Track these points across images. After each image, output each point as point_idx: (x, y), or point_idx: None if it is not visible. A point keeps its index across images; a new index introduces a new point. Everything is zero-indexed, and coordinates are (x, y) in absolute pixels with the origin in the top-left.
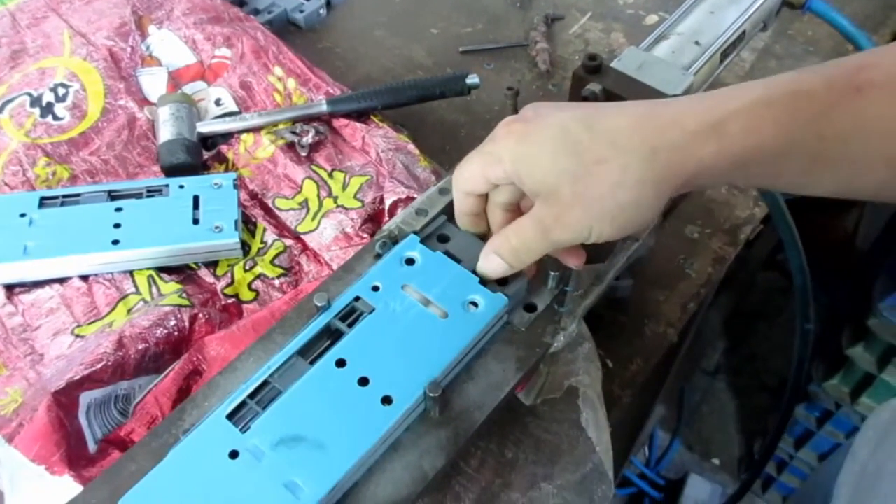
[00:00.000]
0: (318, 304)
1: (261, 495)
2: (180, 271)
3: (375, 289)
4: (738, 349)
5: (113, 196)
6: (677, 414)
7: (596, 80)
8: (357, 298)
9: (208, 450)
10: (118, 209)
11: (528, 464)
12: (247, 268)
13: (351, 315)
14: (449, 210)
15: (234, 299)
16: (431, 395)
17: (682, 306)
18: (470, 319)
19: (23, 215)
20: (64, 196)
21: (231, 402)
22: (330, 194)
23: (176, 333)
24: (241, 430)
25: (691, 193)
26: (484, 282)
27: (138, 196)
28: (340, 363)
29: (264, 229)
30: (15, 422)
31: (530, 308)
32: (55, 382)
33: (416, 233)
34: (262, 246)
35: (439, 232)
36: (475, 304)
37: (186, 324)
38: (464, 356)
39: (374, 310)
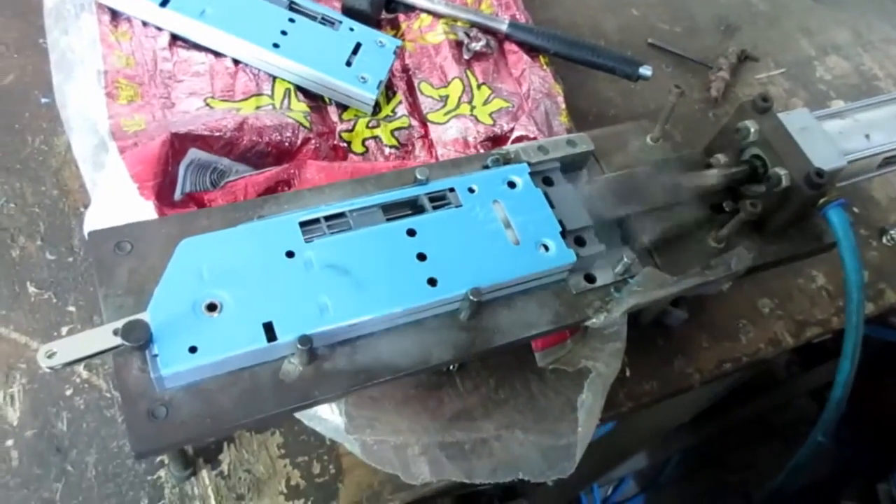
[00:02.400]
0: (419, 177)
1: (295, 298)
2: (314, 98)
3: (471, 190)
4: (741, 451)
5: (292, 7)
6: (654, 475)
7: (756, 120)
8: (451, 190)
9: (272, 239)
10: (291, 20)
11: (514, 411)
12: (369, 125)
13: (440, 200)
14: (565, 160)
15: (345, 144)
16: (472, 298)
17: (719, 362)
18: (536, 257)
19: None
20: None
21: (308, 214)
22: (470, 102)
23: (286, 144)
24: (305, 239)
25: (784, 272)
26: (564, 233)
27: (313, 18)
28: (411, 232)
29: (399, 101)
30: (132, 140)
31: (590, 278)
32: (178, 126)
33: (529, 163)
34: (390, 114)
35: (547, 174)
36: (546, 248)
37: (298, 142)
38: (514, 285)
39: (460, 206)
